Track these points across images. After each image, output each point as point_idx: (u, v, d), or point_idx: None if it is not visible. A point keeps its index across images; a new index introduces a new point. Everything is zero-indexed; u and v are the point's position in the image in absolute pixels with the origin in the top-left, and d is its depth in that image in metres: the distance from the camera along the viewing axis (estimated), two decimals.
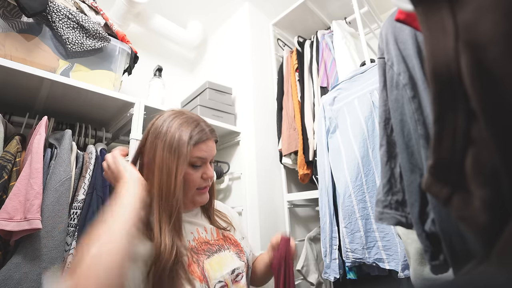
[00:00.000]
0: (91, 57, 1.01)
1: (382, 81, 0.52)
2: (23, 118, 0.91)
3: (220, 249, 0.64)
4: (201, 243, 0.63)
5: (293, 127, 1.37)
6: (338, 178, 0.99)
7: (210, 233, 0.67)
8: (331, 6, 1.55)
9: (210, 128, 0.64)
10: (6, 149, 0.74)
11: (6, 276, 0.61)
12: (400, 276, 0.76)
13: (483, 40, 0.20)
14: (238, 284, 0.63)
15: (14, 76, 0.80)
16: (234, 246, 0.68)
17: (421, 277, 0.52)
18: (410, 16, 0.37)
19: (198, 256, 0.59)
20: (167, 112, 0.64)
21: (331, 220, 0.97)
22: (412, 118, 0.45)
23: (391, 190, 0.49)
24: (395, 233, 0.80)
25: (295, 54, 1.53)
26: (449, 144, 0.25)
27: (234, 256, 0.66)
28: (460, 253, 0.38)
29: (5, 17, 0.84)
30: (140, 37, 1.79)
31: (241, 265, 0.65)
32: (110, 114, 1.13)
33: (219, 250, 0.64)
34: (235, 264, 0.64)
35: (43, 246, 0.67)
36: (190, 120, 0.62)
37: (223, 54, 1.80)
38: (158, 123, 0.61)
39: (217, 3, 1.72)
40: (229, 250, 0.66)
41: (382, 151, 0.52)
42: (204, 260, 0.59)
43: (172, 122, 0.61)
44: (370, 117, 0.94)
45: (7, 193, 0.69)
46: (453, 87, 0.24)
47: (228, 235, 0.70)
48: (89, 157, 0.89)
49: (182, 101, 1.57)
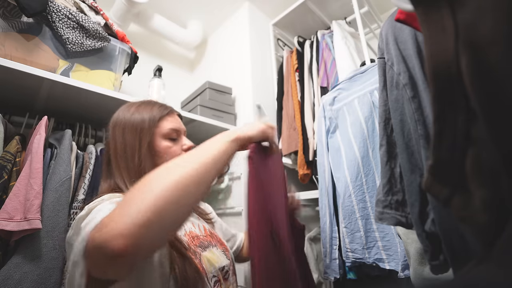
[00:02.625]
0: (91, 57, 1.01)
1: (382, 81, 0.52)
2: (23, 118, 0.91)
3: (209, 245, 0.63)
4: (192, 237, 0.61)
5: (293, 127, 1.37)
6: (338, 178, 0.99)
7: (198, 228, 0.66)
8: (331, 6, 1.55)
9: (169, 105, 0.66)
10: (6, 149, 0.74)
11: (6, 276, 0.61)
12: (400, 276, 0.76)
13: (483, 40, 0.20)
14: (227, 282, 0.61)
15: (14, 76, 0.80)
16: (220, 244, 0.67)
17: (421, 277, 0.52)
18: (410, 16, 0.37)
19: (196, 249, 0.58)
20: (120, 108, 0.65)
21: (331, 220, 0.97)
22: (412, 118, 0.45)
23: (391, 190, 0.49)
24: (395, 233, 0.80)
25: (295, 54, 1.52)
26: (449, 144, 0.25)
27: (221, 253, 0.64)
28: (460, 253, 0.38)
29: (5, 17, 0.84)
30: (140, 37, 1.80)
31: (228, 263, 0.64)
32: (110, 114, 1.13)
33: (209, 245, 0.63)
34: (223, 262, 0.62)
35: (43, 246, 0.67)
36: (146, 102, 0.64)
37: (223, 54, 1.80)
38: (114, 117, 0.63)
39: (217, 3, 1.72)
40: (216, 248, 0.64)
41: (382, 151, 0.52)
42: (201, 253, 0.58)
43: (129, 108, 0.62)
44: (370, 117, 0.94)
45: (7, 193, 0.69)
46: (453, 87, 0.24)
47: (214, 233, 0.69)
48: (89, 157, 0.89)
49: (182, 101, 1.56)
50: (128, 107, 0.64)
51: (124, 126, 0.59)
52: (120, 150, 0.57)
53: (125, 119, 0.60)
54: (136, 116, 0.60)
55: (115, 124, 0.61)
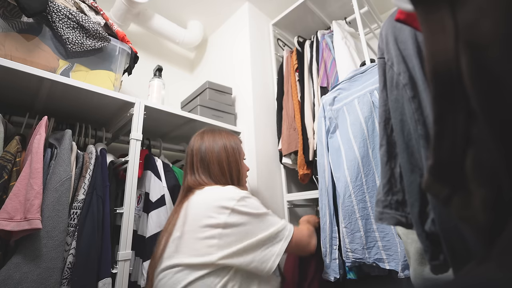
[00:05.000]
0: (91, 57, 1.01)
1: (382, 81, 0.52)
2: (23, 118, 0.91)
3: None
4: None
5: (293, 127, 1.37)
6: (338, 178, 0.99)
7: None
8: (331, 6, 1.55)
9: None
10: (6, 149, 0.74)
11: (6, 276, 0.61)
12: (400, 276, 0.76)
13: (483, 40, 0.20)
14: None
15: (14, 76, 0.80)
16: None
17: (421, 277, 0.52)
18: (410, 16, 0.37)
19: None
20: (205, 134, 0.90)
21: (331, 220, 0.97)
22: (412, 118, 0.45)
23: (391, 190, 0.49)
24: (395, 233, 0.80)
25: (295, 54, 1.52)
26: (449, 144, 0.25)
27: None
28: (460, 253, 0.38)
29: (5, 17, 0.84)
30: (140, 37, 1.80)
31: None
32: (110, 114, 1.13)
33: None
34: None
35: (43, 246, 0.67)
36: (227, 131, 0.95)
37: (223, 54, 1.80)
38: (208, 141, 0.87)
39: (217, 3, 1.72)
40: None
41: (382, 151, 0.52)
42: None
43: (219, 133, 0.90)
44: (370, 117, 0.94)
45: (7, 193, 0.69)
46: (453, 87, 0.24)
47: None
48: (89, 157, 0.89)
49: (182, 101, 1.56)
50: (228, 134, 0.91)
51: (225, 147, 0.86)
52: (221, 162, 0.83)
53: (226, 143, 0.87)
54: (233, 141, 0.89)
55: (215, 144, 0.85)
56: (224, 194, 0.72)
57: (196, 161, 0.83)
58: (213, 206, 0.68)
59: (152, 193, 1.00)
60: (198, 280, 0.61)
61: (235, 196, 0.70)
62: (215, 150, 0.83)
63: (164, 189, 1.03)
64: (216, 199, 0.71)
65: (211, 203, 0.70)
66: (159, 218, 0.97)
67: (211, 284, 0.61)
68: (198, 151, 0.84)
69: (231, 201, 0.69)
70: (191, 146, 0.87)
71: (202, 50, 2.04)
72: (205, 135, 0.88)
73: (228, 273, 0.63)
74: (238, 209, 0.68)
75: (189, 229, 0.67)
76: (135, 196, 0.92)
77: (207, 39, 2.01)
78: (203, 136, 0.88)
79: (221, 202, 0.69)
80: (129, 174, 0.91)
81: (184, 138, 1.46)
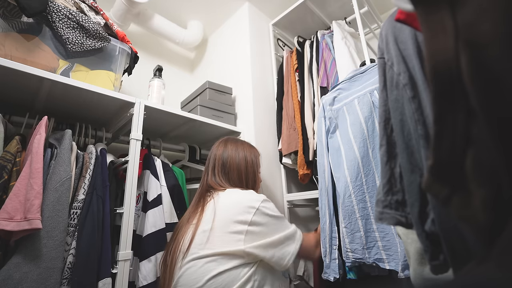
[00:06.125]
0: (91, 57, 1.01)
1: (382, 81, 0.52)
2: (23, 118, 0.91)
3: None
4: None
5: (293, 127, 1.36)
6: (338, 178, 0.99)
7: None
8: (331, 6, 1.55)
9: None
10: (6, 149, 0.74)
11: (6, 276, 0.61)
12: (400, 276, 0.76)
13: (483, 39, 0.20)
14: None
15: (14, 76, 0.80)
16: None
17: (421, 277, 0.52)
18: (410, 16, 0.37)
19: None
20: (229, 143, 0.99)
21: (331, 220, 0.97)
22: (412, 118, 0.45)
23: (391, 190, 0.49)
24: (395, 233, 0.80)
25: (295, 54, 1.52)
26: (449, 144, 0.25)
27: None
28: (460, 253, 0.38)
29: (5, 17, 0.84)
30: (140, 37, 1.80)
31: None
32: (110, 114, 1.13)
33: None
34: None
35: (43, 246, 0.67)
36: (249, 143, 1.04)
37: (223, 54, 1.80)
38: (230, 149, 0.96)
39: (217, 3, 1.72)
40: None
41: (382, 151, 0.52)
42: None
43: (242, 145, 0.99)
44: (370, 117, 0.94)
45: (7, 193, 0.69)
46: (453, 86, 0.24)
47: None
48: (89, 157, 0.89)
49: (182, 101, 1.56)
50: (238, 143, 1.00)
51: (246, 159, 0.96)
52: (240, 170, 0.93)
53: (247, 155, 0.97)
54: (253, 153, 0.99)
55: (237, 155, 0.95)
56: (251, 196, 0.83)
57: (217, 165, 0.94)
58: (243, 205, 0.79)
59: (149, 193, 1.01)
60: (227, 272, 0.70)
61: (259, 198, 0.82)
62: (236, 160, 0.94)
63: (161, 189, 1.03)
64: (245, 200, 0.82)
65: (242, 202, 0.81)
66: (154, 218, 0.96)
67: (238, 276, 0.71)
68: (221, 157, 0.95)
69: (257, 202, 0.80)
70: (214, 151, 0.98)
71: (202, 50, 2.04)
72: (229, 143, 0.99)
73: (251, 268, 0.73)
74: (262, 210, 0.79)
75: (220, 224, 0.76)
76: (135, 196, 0.92)
77: (207, 39, 2.01)
78: (226, 144, 0.98)
79: (249, 203, 0.80)
80: (129, 174, 0.91)
81: (184, 138, 1.46)
